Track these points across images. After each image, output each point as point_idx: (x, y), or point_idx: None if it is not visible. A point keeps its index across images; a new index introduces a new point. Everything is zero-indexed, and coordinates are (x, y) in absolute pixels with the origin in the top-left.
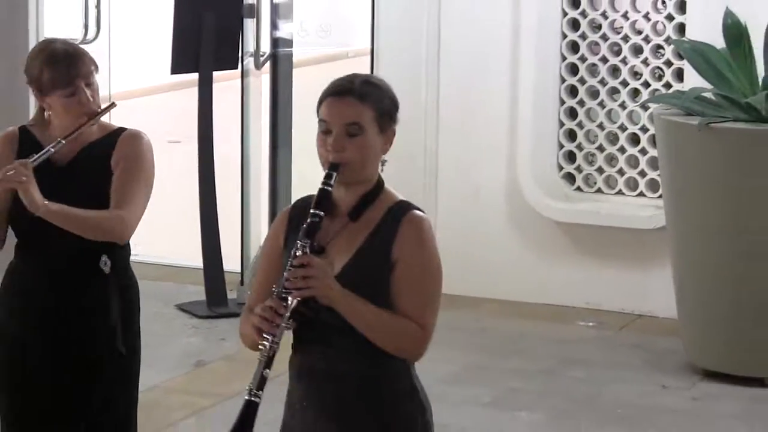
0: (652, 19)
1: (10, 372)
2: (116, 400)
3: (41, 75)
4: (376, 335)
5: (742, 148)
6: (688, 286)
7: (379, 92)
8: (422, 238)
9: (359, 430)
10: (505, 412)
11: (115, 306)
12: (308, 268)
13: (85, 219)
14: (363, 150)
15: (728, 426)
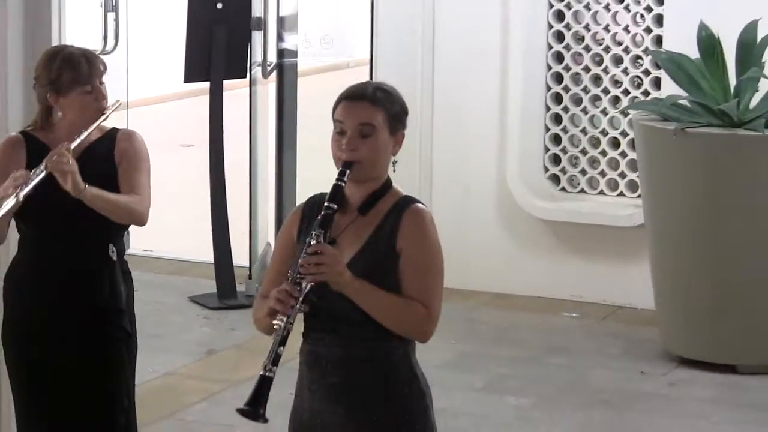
0: (631, 32)
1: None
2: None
3: (60, 76)
4: (385, 317)
5: (715, 151)
6: (665, 280)
7: (391, 98)
8: (423, 227)
9: (364, 413)
10: (495, 397)
11: (123, 290)
12: (321, 256)
13: (117, 201)
14: (374, 150)
15: (702, 409)
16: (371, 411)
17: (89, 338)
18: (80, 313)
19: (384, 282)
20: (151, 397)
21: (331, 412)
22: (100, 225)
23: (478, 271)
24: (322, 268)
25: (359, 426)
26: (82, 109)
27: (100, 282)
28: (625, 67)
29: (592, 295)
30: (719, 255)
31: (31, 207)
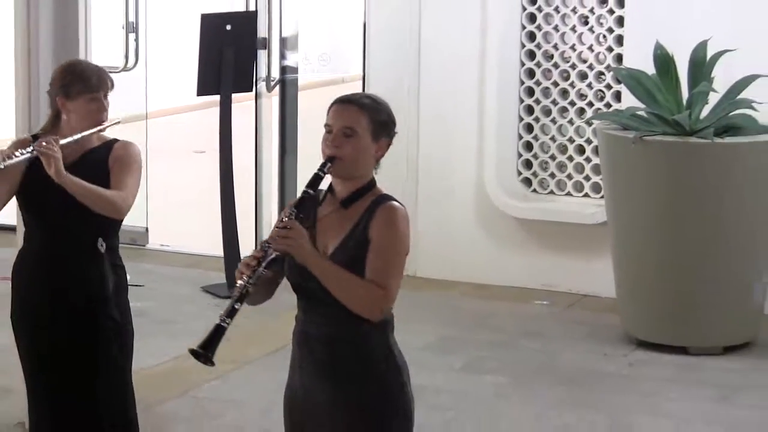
0: (595, 50)
1: (28, 336)
2: (113, 356)
3: (71, 83)
4: (341, 292)
5: (669, 157)
6: (625, 271)
7: (378, 107)
8: (392, 220)
9: (347, 388)
10: (474, 376)
11: (110, 280)
12: (288, 230)
13: (93, 190)
14: (355, 150)
15: (658, 387)
16: (354, 385)
17: (80, 325)
18: (71, 302)
19: (360, 270)
20: (167, 376)
21: (319, 386)
22: (90, 221)
23: (459, 264)
24: (288, 240)
25: (344, 399)
26: (85, 116)
27: (88, 273)
28: (589, 82)
29: (560, 285)
30: (673, 250)
31: (30, 203)
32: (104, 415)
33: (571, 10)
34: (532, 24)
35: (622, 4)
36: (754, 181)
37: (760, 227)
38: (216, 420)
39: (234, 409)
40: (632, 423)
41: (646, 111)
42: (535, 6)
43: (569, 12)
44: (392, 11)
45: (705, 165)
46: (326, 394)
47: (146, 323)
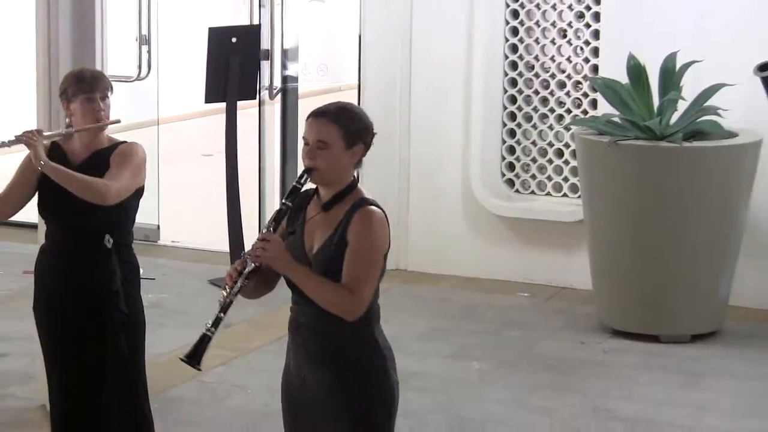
0: (572, 61)
1: (45, 324)
2: (122, 345)
3: (70, 86)
4: (316, 298)
5: (641, 159)
6: (600, 265)
7: (350, 115)
8: (368, 225)
9: (335, 371)
10: (461, 362)
11: (117, 275)
12: (266, 243)
13: (76, 177)
14: (329, 161)
15: (631, 373)
16: (341, 372)
17: (89, 317)
18: (82, 295)
19: (337, 265)
20: (177, 363)
21: (310, 371)
22: (97, 218)
23: (447, 259)
24: (265, 252)
25: (331, 383)
26: (84, 116)
27: (96, 268)
28: (567, 90)
29: (540, 278)
30: (645, 245)
31: (45, 203)
32: (114, 403)
33: (550, 24)
34: (514, 37)
35: (598, 18)
36: (719, 182)
37: (725, 225)
38: (221, 402)
39: (238, 392)
40: (607, 406)
41: (620, 117)
42: (517, 20)
43: (549, 26)
44: (385, 25)
45: (674, 167)
46: (316, 378)
47: (159, 314)
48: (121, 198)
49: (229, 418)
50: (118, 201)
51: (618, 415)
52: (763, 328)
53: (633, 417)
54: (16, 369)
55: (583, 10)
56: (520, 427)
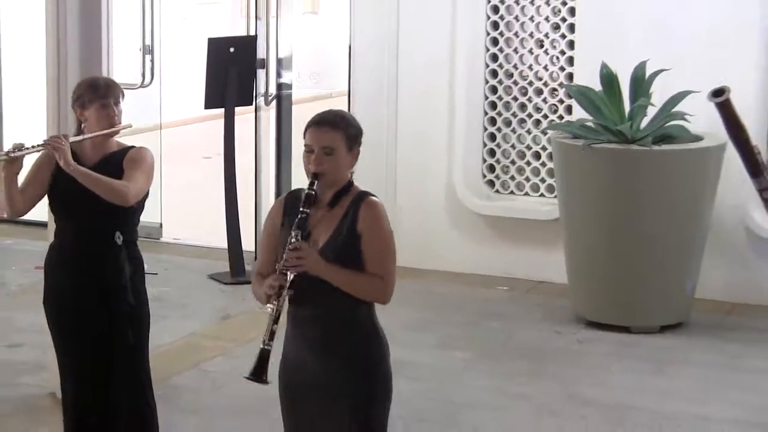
0: (549, 70)
1: (55, 318)
2: (128, 336)
3: (84, 93)
4: (351, 289)
5: (613, 162)
6: (575, 261)
7: (347, 122)
8: (377, 215)
9: (335, 358)
10: (445, 351)
11: (126, 269)
12: (300, 251)
13: (99, 178)
14: (335, 164)
15: (604, 361)
16: (343, 356)
17: (98, 309)
18: (91, 289)
19: (348, 258)
20: (179, 352)
21: (313, 358)
22: (108, 217)
23: (433, 255)
24: (302, 261)
25: (335, 368)
26: (98, 121)
27: (106, 263)
28: (544, 97)
29: (519, 273)
30: (617, 242)
31: (57, 203)
32: (122, 390)
33: (528, 35)
34: (494, 47)
35: (572, 29)
36: (686, 182)
37: (692, 223)
38: (220, 390)
39: (236, 380)
40: (581, 392)
41: (593, 122)
42: (497, 31)
43: (527, 36)
44: (373, 36)
45: (644, 169)
46: (319, 364)
47: (161, 307)
48: (138, 198)
49: (228, 405)
50: (136, 201)
51: (591, 400)
52: (727, 320)
53: (605, 402)
54: (28, 359)
55: (558, 22)
56: (500, 411)
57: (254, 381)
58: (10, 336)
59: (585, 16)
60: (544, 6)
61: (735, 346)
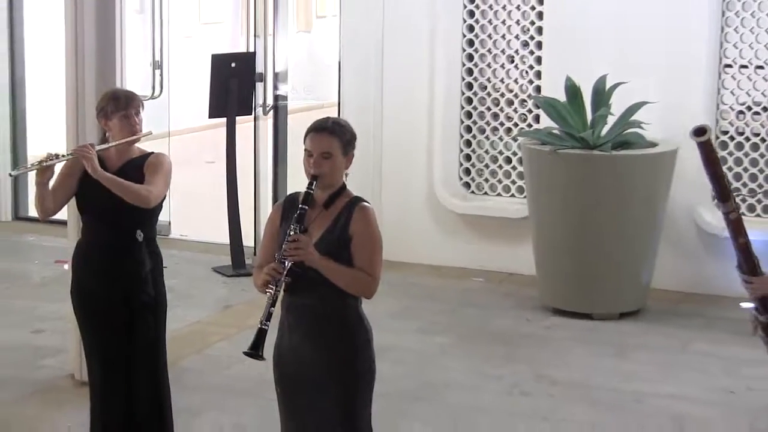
0: (519, 83)
1: (82, 308)
2: (149, 323)
3: (108, 105)
4: (341, 283)
5: (577, 166)
6: (542, 254)
7: (343, 129)
8: (368, 219)
9: (325, 343)
10: (426, 337)
11: (146, 264)
12: (298, 242)
13: (123, 183)
14: (333, 167)
15: (568, 345)
16: (333, 342)
17: (121, 299)
18: (114, 280)
19: (340, 254)
20: (185, 338)
21: (306, 344)
22: (130, 216)
23: (415, 249)
24: (299, 251)
25: (326, 352)
26: (121, 130)
27: (129, 258)
28: (515, 107)
29: (492, 266)
30: (580, 238)
31: (84, 204)
32: (142, 372)
33: (500, 51)
34: (470, 62)
35: (540, 46)
36: (642, 184)
37: (648, 220)
38: (223, 372)
39: (238, 363)
40: (548, 373)
41: (559, 130)
42: (472, 48)
43: (499, 53)
44: (361, 53)
45: (605, 172)
46: (312, 349)
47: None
48: (159, 201)
49: (230, 385)
50: (157, 203)
51: (558, 380)
52: (679, 308)
53: (570, 382)
54: (49, 344)
55: (527, 40)
56: (476, 391)
57: (251, 356)
58: (33, 323)
59: (551, 34)
60: (514, 25)
61: (686, 332)
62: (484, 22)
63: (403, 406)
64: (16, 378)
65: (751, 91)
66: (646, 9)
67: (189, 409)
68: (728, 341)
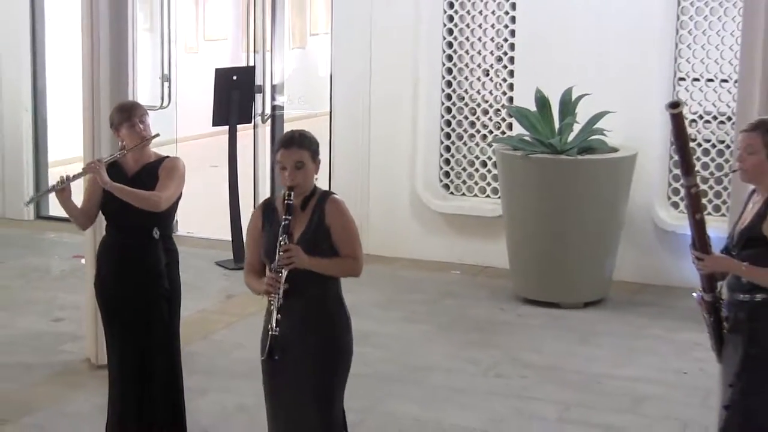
0: (493, 94)
1: (105, 300)
2: (164, 313)
3: (115, 117)
4: (332, 272)
5: (546, 169)
6: (514, 250)
7: (310, 140)
8: (340, 209)
9: (312, 325)
10: (408, 325)
11: (162, 259)
12: (290, 252)
13: (132, 192)
14: (305, 176)
15: (538, 332)
16: (317, 324)
17: (139, 292)
18: (133, 275)
19: (321, 245)
20: (191, 325)
21: (290, 326)
22: (146, 216)
23: (398, 244)
24: (293, 259)
25: (310, 333)
26: (130, 138)
27: (147, 254)
28: (490, 116)
29: (469, 260)
30: (548, 234)
31: (106, 208)
32: (158, 357)
33: (476, 66)
34: (449, 75)
35: (512, 61)
36: (604, 186)
37: (610, 218)
38: (227, 356)
39: (239, 348)
40: (520, 357)
41: (529, 137)
42: (451, 62)
43: (476, 67)
44: (350, 66)
45: (571, 175)
46: (294, 331)
47: None
48: (169, 204)
49: (232, 367)
50: (167, 207)
51: (529, 363)
52: (637, 297)
53: (540, 365)
54: (68, 331)
55: (501, 55)
56: (454, 373)
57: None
58: (53, 312)
59: (522, 50)
60: (489, 42)
61: (643, 319)
62: (462, 39)
63: (387, 387)
64: (38, 362)
65: (703, 102)
66: (608, 28)
67: (195, 389)
68: (681, 327)
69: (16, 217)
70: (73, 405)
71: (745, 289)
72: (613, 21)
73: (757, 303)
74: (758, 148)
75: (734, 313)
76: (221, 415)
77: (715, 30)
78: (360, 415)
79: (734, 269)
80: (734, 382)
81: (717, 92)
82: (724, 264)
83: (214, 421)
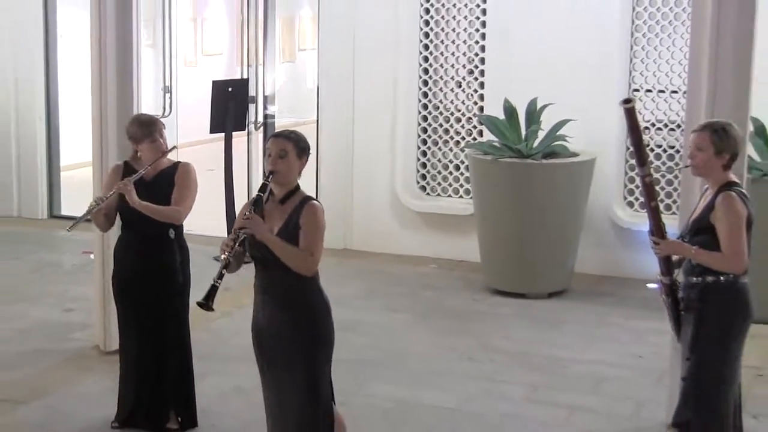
0: (466, 104)
1: (122, 296)
2: (177, 305)
3: (136, 132)
4: (284, 258)
5: (513, 172)
6: (485, 245)
7: (298, 136)
8: (314, 213)
9: (290, 315)
10: (389, 314)
11: (177, 257)
12: (249, 218)
13: (155, 209)
14: (287, 165)
15: (508, 320)
16: (298, 314)
17: (154, 286)
18: (150, 271)
19: (293, 241)
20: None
21: (276, 316)
22: (164, 222)
23: (379, 241)
24: (249, 223)
25: (292, 322)
26: (150, 151)
27: (162, 252)
28: (462, 123)
29: (445, 254)
30: (516, 231)
31: (124, 213)
32: (171, 345)
33: (450, 78)
34: (425, 87)
35: (483, 74)
36: (567, 187)
37: (572, 216)
38: (225, 344)
39: (237, 336)
40: (492, 343)
41: (498, 142)
42: (427, 75)
43: (449, 79)
44: (335, 79)
45: (536, 177)
46: (280, 320)
47: None
48: (188, 214)
49: (231, 353)
50: (186, 217)
51: (499, 349)
52: (597, 288)
53: (510, 350)
54: (78, 320)
55: (472, 68)
56: (432, 358)
57: (203, 306)
58: (65, 303)
59: (492, 64)
60: (461, 56)
61: (603, 308)
62: (437, 53)
63: (369, 370)
64: (51, 349)
65: (655, 111)
66: (569, 44)
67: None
68: (638, 315)
69: (31, 216)
70: (83, 387)
71: (697, 272)
72: (574, 38)
73: (707, 284)
74: (706, 146)
75: (688, 294)
76: (219, 396)
77: (665, 46)
78: (345, 397)
79: (685, 252)
80: (689, 356)
81: (668, 102)
82: (677, 248)
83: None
